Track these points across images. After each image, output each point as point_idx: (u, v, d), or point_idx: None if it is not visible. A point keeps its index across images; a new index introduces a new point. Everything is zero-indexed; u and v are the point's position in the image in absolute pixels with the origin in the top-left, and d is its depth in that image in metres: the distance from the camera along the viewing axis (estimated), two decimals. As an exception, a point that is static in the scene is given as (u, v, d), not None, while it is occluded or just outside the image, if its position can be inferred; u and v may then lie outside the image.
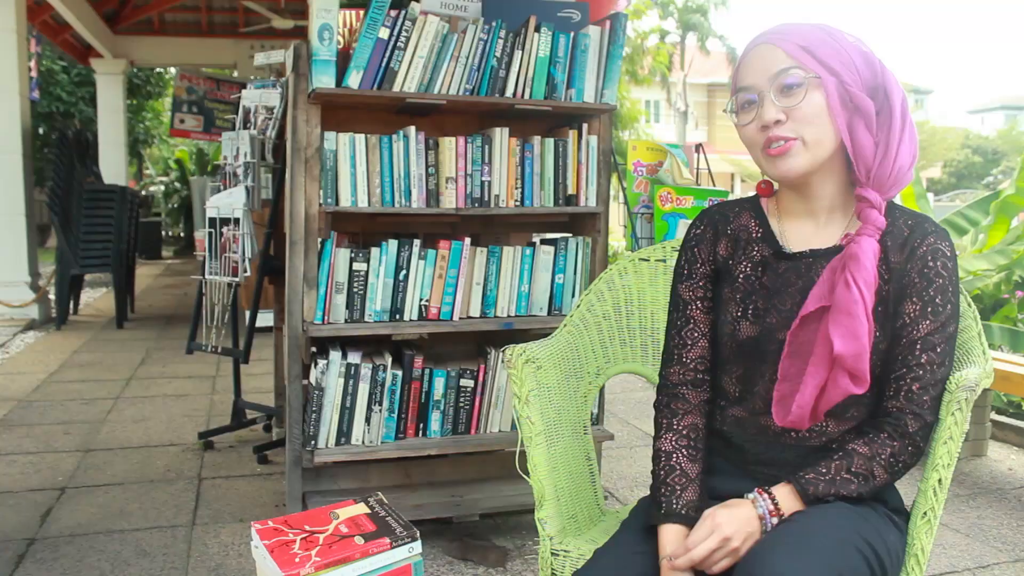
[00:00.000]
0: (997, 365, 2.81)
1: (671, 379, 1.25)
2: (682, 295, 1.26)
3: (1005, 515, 2.59)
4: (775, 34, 1.12)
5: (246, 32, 9.71)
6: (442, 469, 2.43)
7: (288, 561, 1.05)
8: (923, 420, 1.08)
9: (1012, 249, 4.03)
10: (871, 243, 1.08)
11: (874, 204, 1.10)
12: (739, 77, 1.15)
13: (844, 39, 1.11)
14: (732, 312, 1.19)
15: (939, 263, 1.10)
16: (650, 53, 17.10)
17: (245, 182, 2.82)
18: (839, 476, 1.06)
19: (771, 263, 1.18)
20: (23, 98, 6.02)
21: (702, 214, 1.28)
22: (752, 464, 1.18)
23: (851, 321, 1.05)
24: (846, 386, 1.06)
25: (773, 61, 1.11)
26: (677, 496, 1.13)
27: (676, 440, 1.19)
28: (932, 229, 1.13)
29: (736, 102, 1.16)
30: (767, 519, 1.05)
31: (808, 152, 1.10)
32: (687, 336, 1.24)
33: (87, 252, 5.79)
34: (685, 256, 1.27)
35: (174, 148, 16.80)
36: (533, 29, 2.17)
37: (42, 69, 12.54)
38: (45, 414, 3.60)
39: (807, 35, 1.10)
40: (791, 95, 1.09)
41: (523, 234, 2.65)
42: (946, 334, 1.10)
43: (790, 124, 1.09)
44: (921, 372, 1.09)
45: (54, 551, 2.23)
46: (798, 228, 1.19)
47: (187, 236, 13.47)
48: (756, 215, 1.23)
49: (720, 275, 1.23)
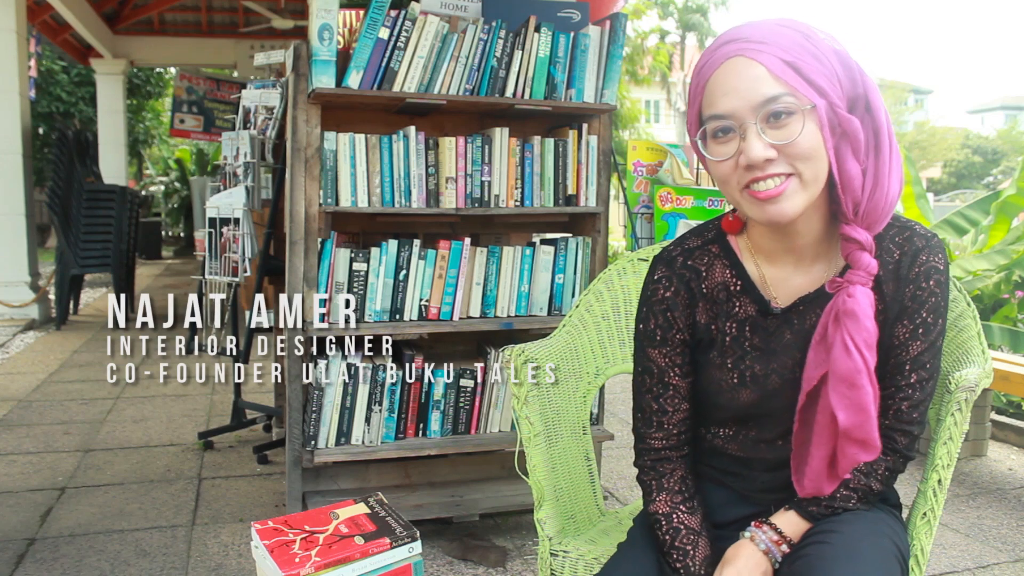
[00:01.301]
0: (997, 365, 2.81)
1: (654, 445, 1.14)
2: (657, 361, 1.12)
3: (1005, 515, 2.59)
4: (749, 43, 0.94)
5: (246, 32, 9.71)
6: (442, 469, 2.43)
7: (288, 561, 1.05)
8: (911, 435, 1.05)
9: (1012, 249, 4.03)
10: (866, 294, 0.97)
11: (864, 246, 0.98)
12: (710, 100, 0.96)
13: (821, 43, 0.95)
14: (726, 380, 1.08)
15: (932, 282, 1.02)
16: (650, 53, 17.10)
17: (245, 182, 2.82)
18: (838, 493, 1.04)
19: (758, 320, 1.06)
20: (23, 98, 6.02)
21: (667, 266, 1.12)
22: (751, 492, 1.15)
23: (855, 393, 0.96)
24: (855, 455, 0.99)
25: (756, 84, 0.93)
26: (692, 558, 1.06)
27: (671, 499, 1.11)
28: (923, 245, 1.03)
29: (707, 131, 0.98)
30: (773, 551, 1.02)
31: (805, 191, 0.95)
32: (667, 403, 1.12)
33: (87, 252, 5.79)
34: (656, 320, 1.11)
35: (174, 148, 16.79)
36: (533, 29, 2.17)
37: (42, 69, 12.55)
38: (45, 414, 3.60)
39: (787, 44, 0.93)
40: (783, 127, 0.93)
41: (523, 234, 2.65)
42: (935, 349, 1.04)
43: (782, 160, 0.94)
44: (910, 391, 1.04)
45: (54, 551, 2.23)
46: (780, 273, 1.06)
47: (187, 236, 13.47)
48: (730, 262, 1.09)
49: (701, 342, 1.10)
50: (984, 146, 30.53)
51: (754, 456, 1.12)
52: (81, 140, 6.20)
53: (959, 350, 1.20)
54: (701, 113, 0.99)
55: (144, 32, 10.26)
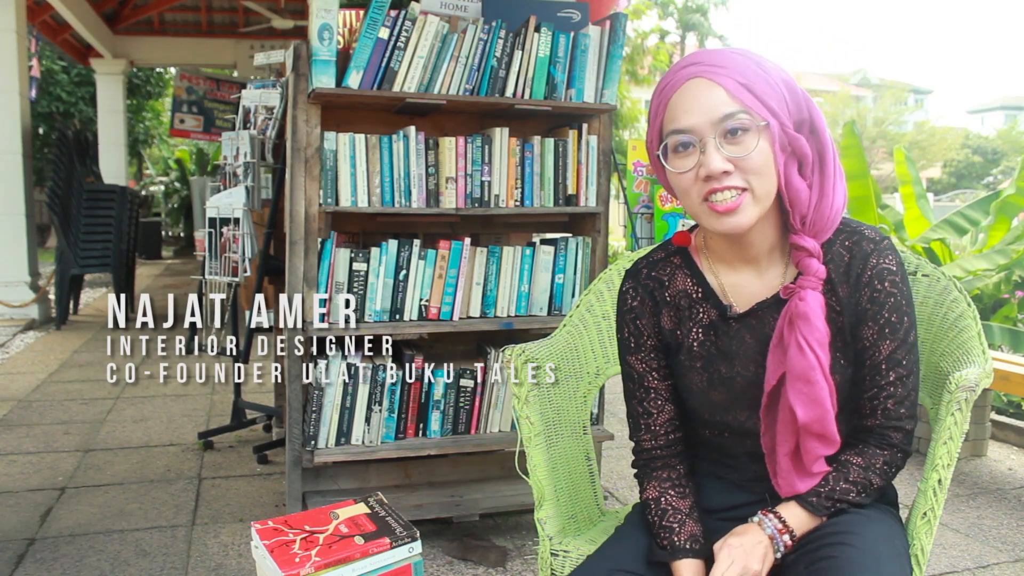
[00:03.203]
0: (997, 365, 2.81)
1: (644, 446, 1.22)
2: (635, 367, 1.21)
3: (1005, 515, 2.59)
4: (709, 66, 1.03)
5: (246, 32, 9.71)
6: (442, 469, 2.43)
7: (288, 561, 1.05)
8: (904, 430, 1.09)
9: (1012, 249, 4.03)
10: (816, 297, 1.05)
11: (812, 253, 1.06)
12: (672, 116, 1.05)
13: (772, 71, 1.04)
14: (698, 382, 1.15)
15: (887, 283, 1.07)
16: (650, 53, 17.09)
17: (245, 182, 2.82)
18: (838, 487, 1.07)
19: (720, 325, 1.14)
20: (23, 98, 6.02)
21: (633, 278, 1.21)
22: (746, 482, 1.18)
23: (810, 388, 1.04)
24: (816, 449, 1.06)
25: (715, 102, 1.01)
26: (677, 533, 1.12)
27: (660, 485, 1.18)
28: (871, 248, 1.08)
29: (668, 146, 1.06)
30: (777, 539, 1.06)
31: (757, 205, 1.03)
32: (651, 406, 1.20)
33: (87, 252, 5.79)
34: (628, 329, 1.20)
35: (174, 148, 16.79)
36: (533, 29, 2.17)
37: (42, 69, 12.54)
38: (45, 414, 3.60)
39: (743, 69, 1.02)
40: (739, 143, 1.01)
41: (523, 234, 2.65)
42: (908, 345, 1.08)
43: (737, 175, 1.02)
44: (893, 389, 1.08)
45: (54, 551, 2.23)
46: (737, 280, 1.14)
47: (187, 236, 13.47)
48: (691, 272, 1.17)
49: (670, 347, 1.18)
50: (984, 146, 30.51)
51: (740, 449, 1.17)
52: (81, 140, 6.21)
53: (959, 350, 1.20)
54: (663, 129, 1.08)
55: (144, 32, 10.27)
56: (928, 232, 4.43)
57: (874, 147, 25.71)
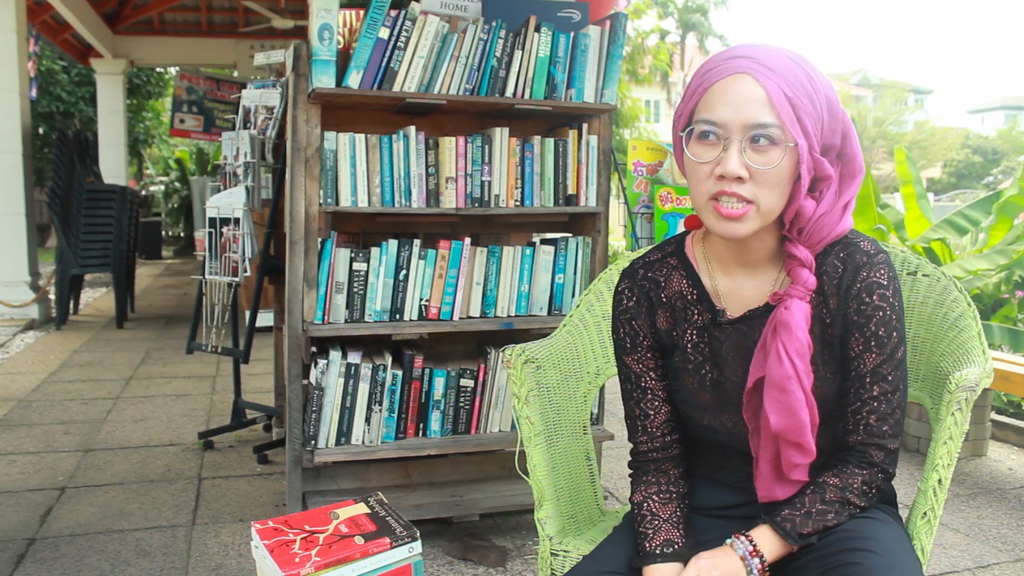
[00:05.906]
0: (997, 365, 2.81)
1: (641, 448, 1.22)
2: (632, 367, 1.20)
3: (1005, 515, 2.59)
4: (760, 65, 0.99)
5: (246, 32, 9.70)
6: (442, 469, 2.43)
7: (288, 561, 1.05)
8: (886, 449, 1.07)
9: (1012, 249, 4.03)
10: (801, 307, 1.04)
11: (804, 263, 1.06)
12: (707, 104, 1.02)
13: (819, 86, 1.01)
14: (690, 383, 1.15)
15: (875, 296, 1.06)
16: (650, 52, 17.08)
17: (245, 182, 2.82)
18: (814, 508, 1.05)
19: (712, 329, 1.14)
20: (23, 98, 6.02)
21: (630, 278, 1.20)
22: (739, 483, 1.18)
23: (785, 397, 1.03)
24: (793, 457, 1.05)
25: (754, 105, 0.98)
26: (650, 539, 1.12)
27: (646, 490, 1.18)
28: (864, 261, 1.07)
29: (695, 130, 1.03)
30: (748, 560, 1.04)
31: (759, 219, 1.02)
32: (647, 407, 1.20)
33: (87, 252, 5.79)
34: (624, 329, 1.20)
35: (174, 148, 16.80)
36: (533, 29, 2.17)
37: (42, 69, 12.54)
38: (45, 414, 3.60)
39: (791, 79, 0.99)
40: (763, 153, 0.99)
41: (523, 234, 2.65)
42: (895, 361, 1.06)
43: (750, 185, 1.00)
44: (876, 404, 1.06)
45: (54, 551, 2.23)
46: (731, 283, 1.13)
47: (187, 236, 13.48)
48: (686, 273, 1.17)
49: (666, 347, 1.18)
50: (984, 146, 30.51)
51: (729, 451, 1.17)
52: (81, 140, 6.21)
53: (959, 350, 1.20)
54: (695, 112, 1.05)
55: (144, 32, 10.26)
56: (928, 232, 4.43)
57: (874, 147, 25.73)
